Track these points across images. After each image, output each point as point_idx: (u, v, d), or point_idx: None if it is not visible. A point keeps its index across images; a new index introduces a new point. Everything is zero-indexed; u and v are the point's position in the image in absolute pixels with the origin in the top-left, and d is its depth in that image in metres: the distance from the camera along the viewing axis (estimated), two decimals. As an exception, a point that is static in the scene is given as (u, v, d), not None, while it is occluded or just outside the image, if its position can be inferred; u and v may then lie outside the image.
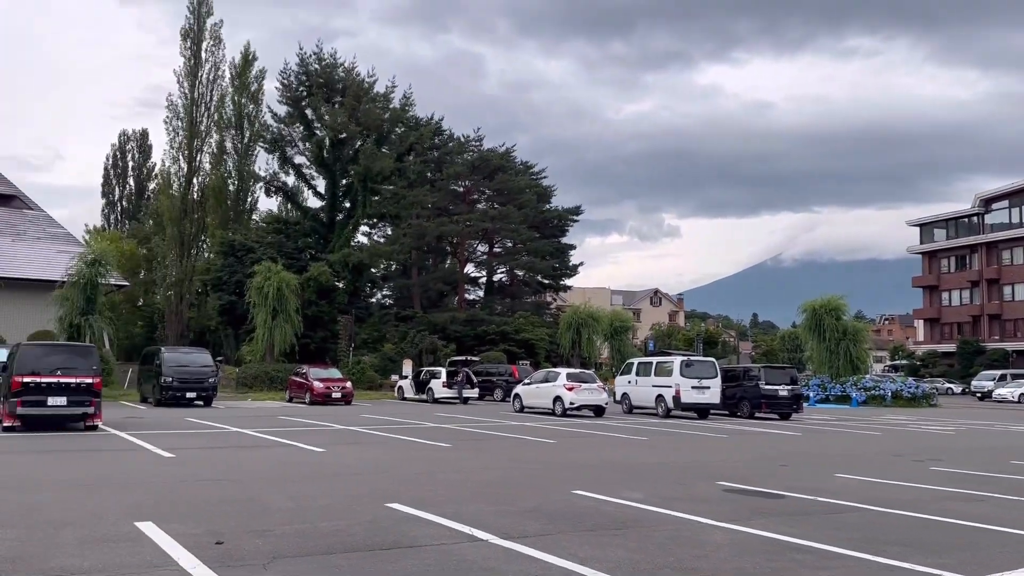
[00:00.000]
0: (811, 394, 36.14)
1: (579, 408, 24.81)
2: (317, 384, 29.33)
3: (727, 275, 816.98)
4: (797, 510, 8.78)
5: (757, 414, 26.14)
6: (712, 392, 25.06)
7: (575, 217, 58.68)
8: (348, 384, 30.54)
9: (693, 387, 24.67)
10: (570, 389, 24.68)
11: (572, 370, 27.99)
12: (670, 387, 24.80)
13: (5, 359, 19.20)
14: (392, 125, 50.48)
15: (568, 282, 60.04)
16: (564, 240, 58.51)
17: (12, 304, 31.84)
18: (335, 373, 31.76)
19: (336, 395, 29.23)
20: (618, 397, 27.67)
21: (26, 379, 15.80)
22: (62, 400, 15.99)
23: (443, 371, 33.08)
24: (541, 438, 17.09)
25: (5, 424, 15.92)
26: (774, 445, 16.77)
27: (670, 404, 24.70)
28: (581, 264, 59.77)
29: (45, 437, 14.97)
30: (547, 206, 57.44)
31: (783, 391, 26.03)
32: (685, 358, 26.41)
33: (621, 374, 28.80)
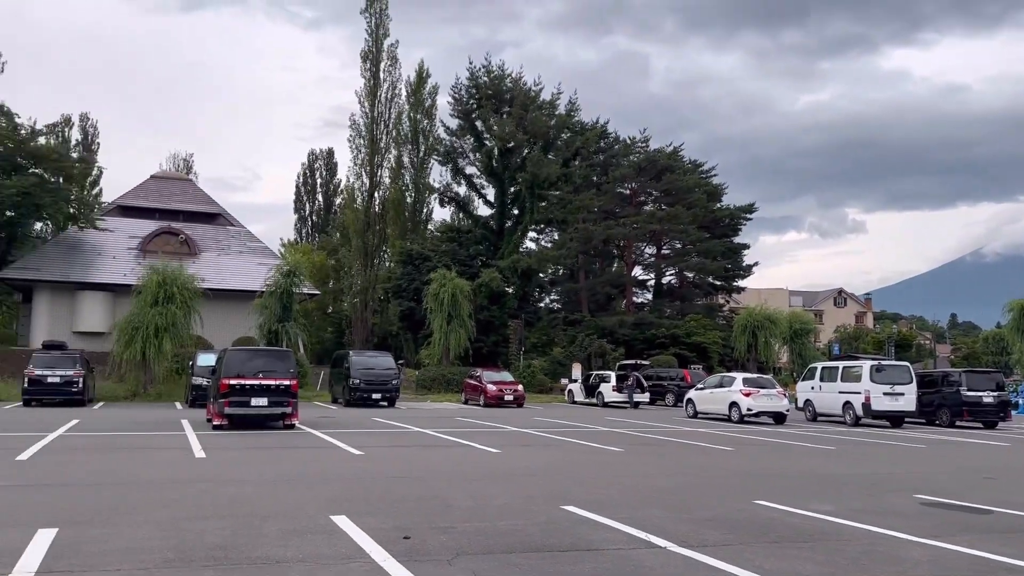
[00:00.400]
0: (1020, 401, 32.75)
1: (757, 414, 23.84)
2: (490, 387, 30.09)
3: (920, 272, 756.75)
4: (1008, 527, 7.96)
5: (958, 423, 24.02)
6: (907, 399, 23.28)
7: (748, 215, 56.56)
8: (519, 387, 31.09)
9: (885, 393, 23.03)
10: (747, 394, 23.78)
11: (749, 375, 26.96)
12: (859, 393, 23.30)
13: (214, 363, 21.20)
14: (558, 131, 50.95)
15: (742, 283, 57.94)
16: (736, 240, 56.53)
17: (219, 313, 35.01)
18: (507, 376, 32.44)
19: (508, 397, 29.85)
20: (800, 403, 26.34)
21: (232, 381, 17.29)
22: (264, 401, 17.37)
23: (612, 375, 32.90)
24: (718, 445, 16.58)
25: (215, 423, 17.50)
26: (978, 456, 15.32)
27: (859, 412, 23.19)
28: (755, 264, 57.55)
29: (249, 435, 16.32)
30: (718, 205, 55.75)
31: (988, 398, 23.77)
32: (876, 362, 24.74)
33: (803, 379, 27.38)
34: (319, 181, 77.15)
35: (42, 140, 41.39)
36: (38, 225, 45.86)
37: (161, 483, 9.81)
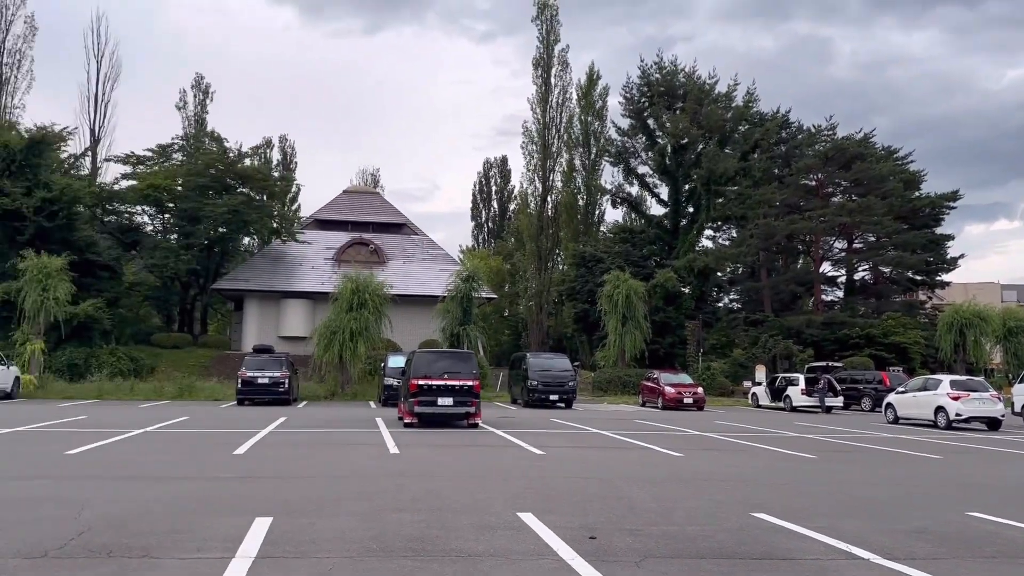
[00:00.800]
0: None
1: (967, 420, 21.80)
2: (668, 389, 29.55)
3: None
4: None
5: None
6: None
7: (951, 204, 51.84)
8: (699, 389, 30.30)
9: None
10: (955, 398, 21.80)
11: (957, 377, 24.69)
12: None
13: (403, 365, 22.31)
14: (735, 124, 49.24)
15: (946, 277, 53.15)
16: (939, 230, 51.97)
17: (405, 317, 36.87)
18: (686, 379, 31.73)
19: (688, 400, 29.18)
20: (1017, 408, 23.81)
21: (420, 382, 18.13)
22: (449, 400, 18.08)
23: (801, 377, 31.28)
24: (923, 452, 15.32)
25: (406, 421, 18.42)
26: None
27: (1091, 418, 20.63)
28: (961, 256, 52.55)
29: (437, 433, 17.03)
30: (916, 194, 51.52)
31: None
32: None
33: (1020, 382, 24.75)
34: (494, 188, 79.45)
35: (248, 162, 45.50)
36: (246, 240, 50.34)
37: (361, 477, 10.45)
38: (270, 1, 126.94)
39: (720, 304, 56.11)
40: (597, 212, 57.51)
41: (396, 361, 27.49)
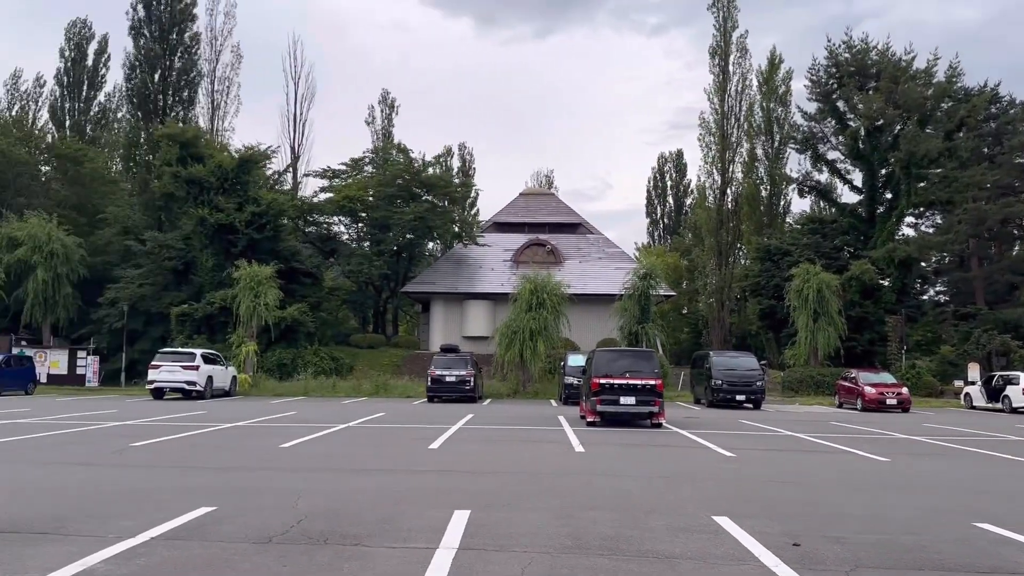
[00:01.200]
0: None
1: None
2: (868, 389, 27.63)
3: None
4: None
5: None
6: None
7: None
8: (904, 390, 28.09)
9: None
10: None
11: None
12: None
13: (583, 364, 22.42)
14: (936, 102, 45.17)
15: None
16: None
17: (582, 316, 37.01)
18: (887, 378, 29.51)
19: (891, 401, 27.15)
20: None
21: (601, 380, 18.10)
22: (631, 400, 17.92)
23: (1022, 376, 28.23)
24: None
25: (588, 419, 18.46)
26: None
27: None
28: None
29: (620, 432, 16.93)
30: None
31: None
32: None
33: None
34: (669, 183, 78.06)
35: (431, 171, 47.60)
36: (430, 244, 52.68)
37: (549, 474, 10.59)
38: (447, 14, 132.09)
39: (925, 297, 51.76)
40: (782, 203, 54.94)
41: (575, 360, 27.71)
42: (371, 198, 44.74)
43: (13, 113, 56.86)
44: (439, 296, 43.56)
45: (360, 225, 48.06)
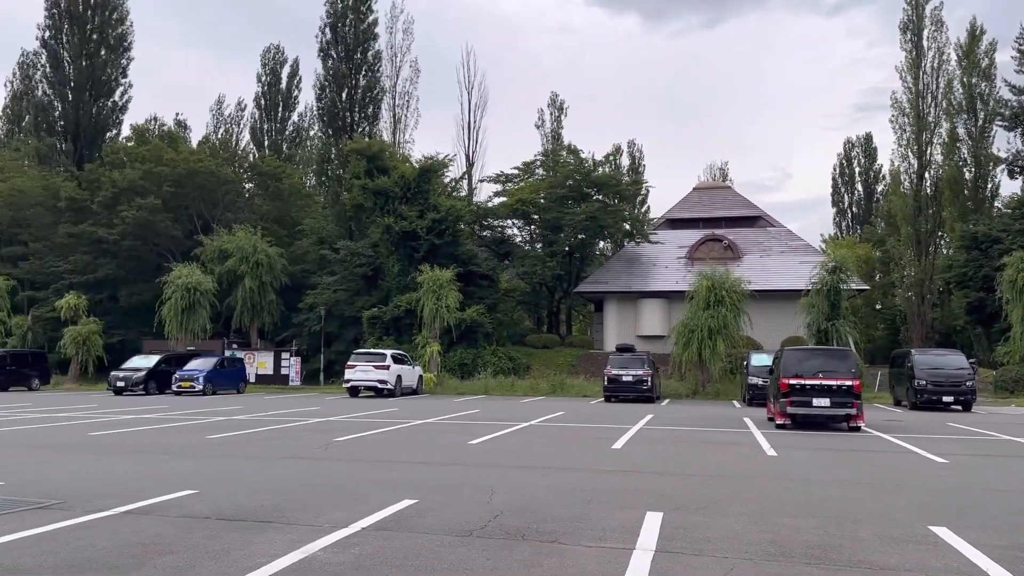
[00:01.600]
0: None
1: None
2: (1102, 390, 24.52)
3: None
4: None
5: None
6: None
7: None
8: None
9: None
10: None
11: None
12: None
13: (769, 363, 21.50)
14: None
15: None
16: None
17: (765, 313, 35.47)
18: None
19: None
20: None
21: (792, 381, 17.26)
22: (825, 401, 16.95)
23: None
24: None
25: (778, 422, 17.66)
26: None
27: None
28: None
29: (815, 435, 16.07)
30: None
31: None
32: None
33: None
34: (857, 170, 73.34)
35: (600, 170, 47.51)
36: (601, 244, 52.59)
37: (740, 477, 10.23)
38: (612, 13, 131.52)
39: None
40: (989, 186, 49.92)
41: (760, 359, 26.64)
42: (543, 200, 45.36)
43: (219, 136, 62.92)
44: (612, 295, 43.37)
45: (533, 227, 48.89)
